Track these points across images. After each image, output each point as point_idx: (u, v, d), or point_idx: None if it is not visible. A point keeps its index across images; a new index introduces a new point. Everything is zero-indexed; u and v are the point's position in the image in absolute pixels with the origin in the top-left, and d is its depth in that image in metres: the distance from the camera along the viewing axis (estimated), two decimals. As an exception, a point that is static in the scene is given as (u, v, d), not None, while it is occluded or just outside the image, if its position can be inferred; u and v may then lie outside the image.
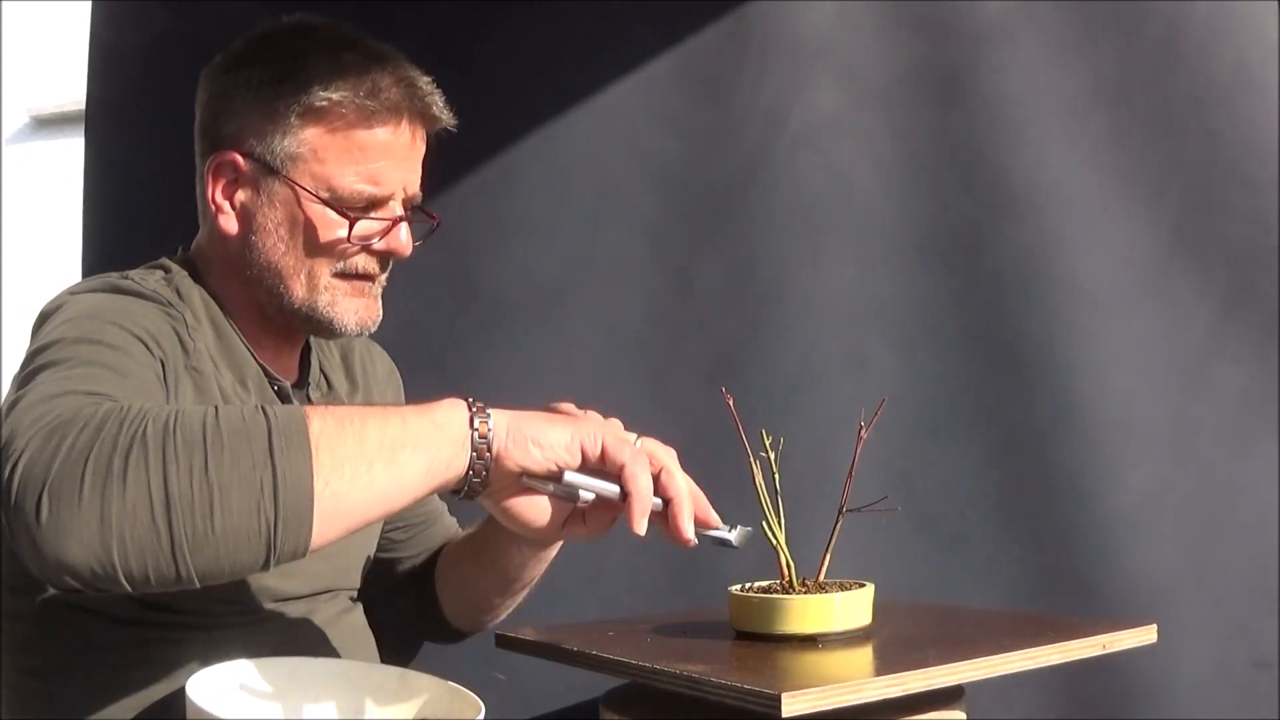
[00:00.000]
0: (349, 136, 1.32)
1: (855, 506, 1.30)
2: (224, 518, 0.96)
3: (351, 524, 1.03)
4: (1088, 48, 2.00)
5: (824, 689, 1.02)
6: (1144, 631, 1.23)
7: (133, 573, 0.95)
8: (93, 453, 0.96)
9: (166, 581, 0.97)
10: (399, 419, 1.04)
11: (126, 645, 1.26)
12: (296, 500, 0.97)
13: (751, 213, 2.04)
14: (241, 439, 0.98)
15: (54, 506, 0.94)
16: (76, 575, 0.95)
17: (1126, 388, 1.95)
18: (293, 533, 0.98)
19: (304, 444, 0.98)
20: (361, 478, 1.00)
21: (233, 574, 0.99)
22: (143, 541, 0.95)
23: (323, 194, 1.32)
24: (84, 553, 0.94)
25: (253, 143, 1.33)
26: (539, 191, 2.06)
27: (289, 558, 1.00)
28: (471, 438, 1.06)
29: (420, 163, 1.39)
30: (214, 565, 0.97)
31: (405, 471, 1.03)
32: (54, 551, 0.94)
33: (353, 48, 1.34)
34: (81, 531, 0.94)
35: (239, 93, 1.34)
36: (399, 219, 1.36)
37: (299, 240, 1.33)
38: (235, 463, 0.96)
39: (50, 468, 0.95)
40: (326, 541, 1.01)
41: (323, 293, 1.35)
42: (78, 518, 0.94)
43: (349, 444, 1.01)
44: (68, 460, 0.95)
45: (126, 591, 0.97)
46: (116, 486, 0.94)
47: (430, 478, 1.05)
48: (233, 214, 1.35)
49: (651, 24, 2.07)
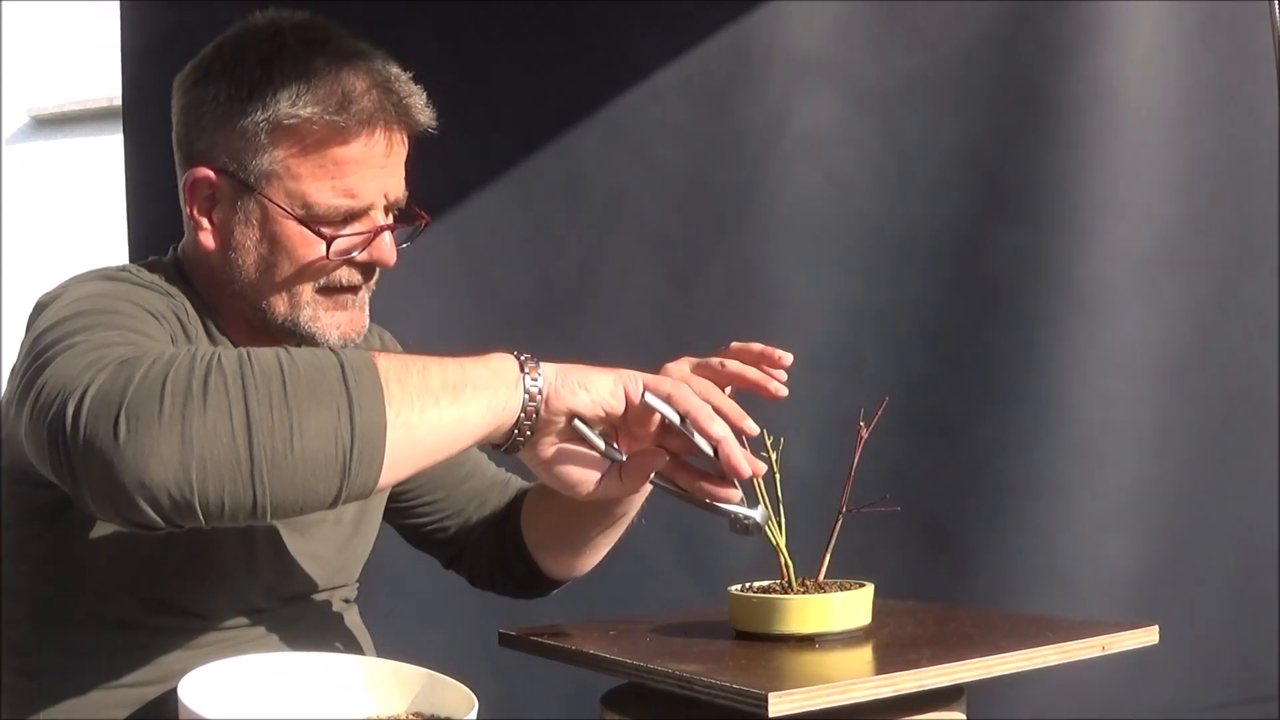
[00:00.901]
0: (322, 153, 1.28)
1: (855, 506, 1.30)
2: (302, 441, 0.96)
3: (418, 459, 1.04)
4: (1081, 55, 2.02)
5: (811, 689, 1.02)
6: (1146, 633, 1.22)
7: (209, 497, 0.95)
8: (169, 377, 0.95)
9: (242, 509, 0.96)
10: (456, 364, 1.07)
11: (123, 648, 1.26)
12: (371, 428, 0.98)
13: (753, 219, 2.07)
14: (315, 371, 0.99)
15: (133, 426, 0.93)
16: (155, 500, 0.94)
17: (1114, 389, 1.97)
18: (366, 461, 0.99)
19: (375, 378, 1.00)
20: (430, 410, 1.02)
21: (305, 505, 0.99)
22: (222, 463, 0.94)
23: (299, 211, 1.28)
24: (164, 472, 0.93)
25: (225, 160, 1.29)
26: (551, 200, 2.10)
27: (358, 492, 1.00)
28: (523, 381, 1.09)
29: (401, 165, 1.34)
30: (290, 493, 0.97)
31: (468, 409, 1.05)
32: (135, 472, 0.93)
33: (323, 50, 1.29)
34: (162, 449, 0.93)
35: (208, 108, 1.30)
36: (380, 229, 1.32)
37: (278, 259, 1.30)
38: (312, 390, 0.97)
39: (126, 392, 0.95)
40: (393, 479, 1.03)
41: (304, 308, 1.32)
42: (159, 435, 0.93)
43: (414, 381, 1.03)
44: (144, 384, 0.95)
45: (200, 523, 0.96)
46: (197, 406, 0.94)
47: (490, 417, 1.07)
48: (211, 231, 1.32)
49: (657, 37, 2.10)
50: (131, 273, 1.31)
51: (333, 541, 1.42)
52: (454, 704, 1.15)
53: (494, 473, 1.62)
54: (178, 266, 1.38)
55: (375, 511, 1.51)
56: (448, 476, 1.57)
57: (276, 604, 1.35)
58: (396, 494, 1.55)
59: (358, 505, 1.45)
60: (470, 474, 1.59)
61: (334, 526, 1.42)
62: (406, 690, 1.19)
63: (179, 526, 0.98)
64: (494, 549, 1.57)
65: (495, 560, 1.57)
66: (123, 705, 1.25)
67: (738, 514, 1.19)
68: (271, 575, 1.35)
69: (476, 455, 1.61)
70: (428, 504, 1.58)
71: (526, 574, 1.55)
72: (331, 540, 1.42)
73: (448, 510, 1.58)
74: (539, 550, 1.52)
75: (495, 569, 1.58)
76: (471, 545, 1.59)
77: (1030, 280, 2.00)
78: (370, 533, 1.51)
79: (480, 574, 1.60)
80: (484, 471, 1.61)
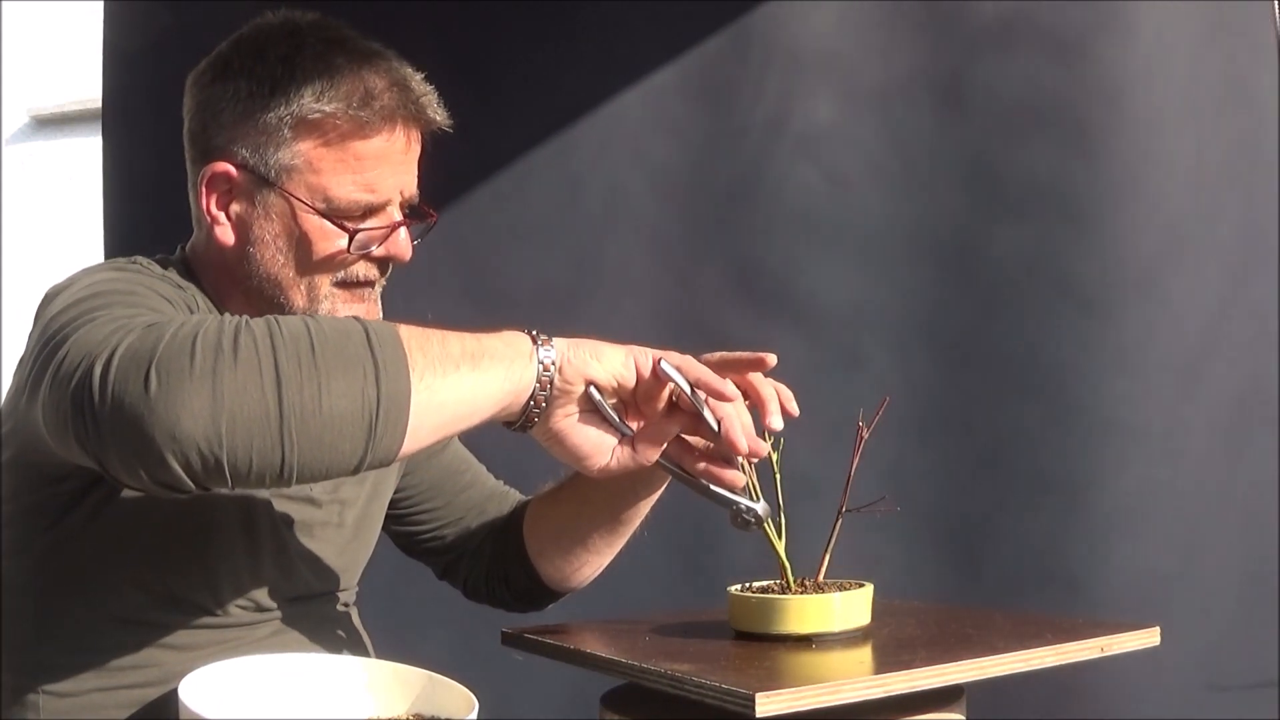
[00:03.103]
0: (344, 147, 1.30)
1: (854, 506, 1.30)
2: (330, 399, 0.97)
3: (440, 427, 1.06)
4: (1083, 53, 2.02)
5: (800, 690, 1.01)
6: (1147, 634, 1.21)
7: (238, 454, 0.95)
8: (199, 335, 0.97)
9: (270, 467, 0.97)
10: (472, 336, 1.09)
11: (123, 647, 1.26)
12: (397, 390, 1.00)
13: (753, 218, 2.07)
14: (342, 335, 1.01)
15: (164, 380, 0.94)
16: (185, 456, 0.94)
17: (1119, 388, 1.97)
18: (392, 423, 1.00)
19: (398, 344, 1.02)
20: (451, 376, 1.05)
21: (330, 467, 1.00)
22: (252, 419, 0.95)
23: (319, 205, 1.30)
24: (195, 426, 0.93)
25: (245, 154, 1.31)
26: (549, 198, 2.09)
27: (382, 457, 1.01)
28: (536, 353, 1.11)
29: (415, 163, 1.36)
30: (317, 452, 0.98)
31: (488, 377, 1.07)
32: (166, 425, 0.93)
33: (342, 49, 1.31)
34: (194, 402, 0.94)
35: (228, 104, 1.31)
36: (398, 224, 1.35)
37: (298, 252, 1.32)
38: (340, 353, 0.99)
39: (156, 349, 0.96)
40: (415, 445, 1.04)
41: (323, 302, 1.34)
42: (191, 389, 0.94)
43: (435, 348, 1.05)
44: (174, 341, 0.96)
45: (226, 483, 0.97)
46: (228, 363, 0.95)
47: (509, 385, 1.09)
48: (229, 225, 1.33)
49: (656, 34, 2.09)
50: (142, 264, 1.32)
51: (334, 544, 1.43)
52: (454, 705, 1.15)
53: (494, 484, 1.63)
54: (185, 264, 1.38)
55: (375, 517, 1.51)
56: (448, 484, 1.58)
57: (277, 605, 1.35)
58: (396, 500, 1.56)
59: (359, 510, 1.46)
60: (470, 483, 1.60)
61: (336, 530, 1.43)
62: (407, 691, 1.19)
63: (205, 488, 0.98)
64: (494, 557, 1.57)
65: (495, 569, 1.58)
66: (123, 705, 1.25)
67: (740, 504, 1.20)
68: (273, 575, 1.35)
69: (476, 466, 1.63)
70: (427, 511, 1.58)
71: (526, 584, 1.55)
72: (333, 543, 1.43)
73: (446, 519, 1.59)
74: (540, 558, 1.53)
75: (494, 578, 1.58)
76: (470, 553, 1.59)
77: (1034, 279, 2.00)
78: (370, 539, 1.51)
79: (477, 583, 1.60)
80: (484, 483, 1.62)
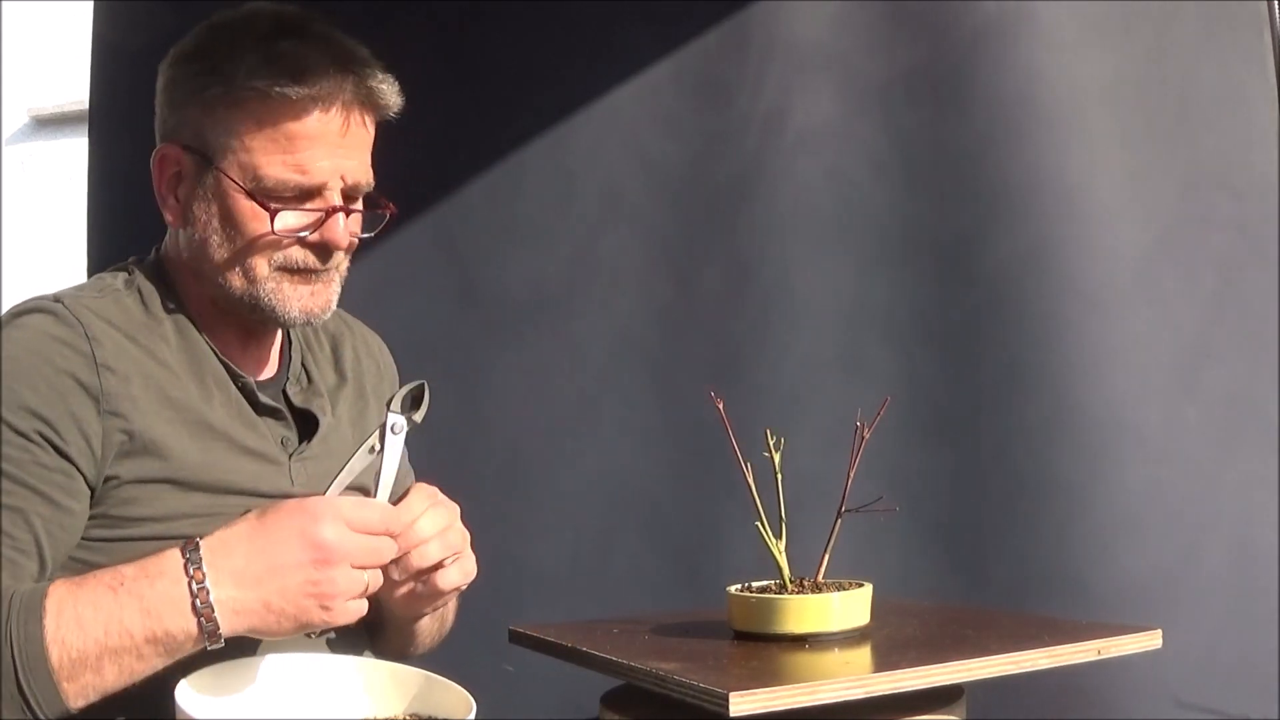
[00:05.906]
0: (275, 126, 1.28)
1: (854, 507, 1.30)
2: None
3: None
4: (1082, 52, 2.01)
5: (775, 690, 1.01)
6: (1148, 637, 1.21)
7: None
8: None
9: None
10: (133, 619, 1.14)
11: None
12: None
13: (752, 215, 2.05)
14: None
15: None
16: None
17: (1119, 388, 1.96)
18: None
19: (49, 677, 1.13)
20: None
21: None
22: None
23: (248, 184, 1.28)
24: None
25: (189, 136, 1.31)
26: (543, 195, 2.08)
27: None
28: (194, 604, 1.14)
29: (361, 149, 1.33)
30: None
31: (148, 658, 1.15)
32: None
33: (295, 35, 1.30)
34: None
35: (180, 86, 1.32)
36: (334, 209, 1.31)
37: (230, 233, 1.30)
38: None
39: None
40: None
41: (264, 283, 1.32)
42: None
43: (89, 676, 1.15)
44: None
45: None
46: None
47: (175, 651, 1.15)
48: (176, 206, 1.34)
49: (652, 29, 2.08)
50: (66, 307, 1.28)
51: None
52: (451, 705, 1.15)
53: None
54: (159, 264, 1.38)
55: None
56: None
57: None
58: None
59: None
60: None
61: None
62: (404, 692, 1.19)
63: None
64: None
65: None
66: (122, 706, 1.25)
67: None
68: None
69: None
70: None
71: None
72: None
73: None
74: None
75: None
76: None
77: (1033, 277, 1.99)
78: None
79: None
80: None
